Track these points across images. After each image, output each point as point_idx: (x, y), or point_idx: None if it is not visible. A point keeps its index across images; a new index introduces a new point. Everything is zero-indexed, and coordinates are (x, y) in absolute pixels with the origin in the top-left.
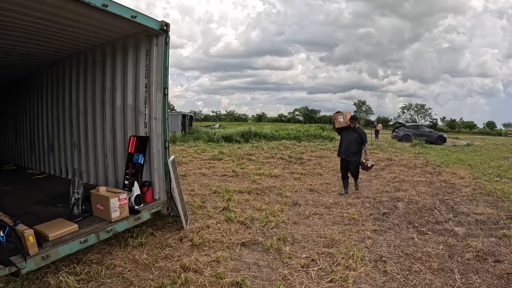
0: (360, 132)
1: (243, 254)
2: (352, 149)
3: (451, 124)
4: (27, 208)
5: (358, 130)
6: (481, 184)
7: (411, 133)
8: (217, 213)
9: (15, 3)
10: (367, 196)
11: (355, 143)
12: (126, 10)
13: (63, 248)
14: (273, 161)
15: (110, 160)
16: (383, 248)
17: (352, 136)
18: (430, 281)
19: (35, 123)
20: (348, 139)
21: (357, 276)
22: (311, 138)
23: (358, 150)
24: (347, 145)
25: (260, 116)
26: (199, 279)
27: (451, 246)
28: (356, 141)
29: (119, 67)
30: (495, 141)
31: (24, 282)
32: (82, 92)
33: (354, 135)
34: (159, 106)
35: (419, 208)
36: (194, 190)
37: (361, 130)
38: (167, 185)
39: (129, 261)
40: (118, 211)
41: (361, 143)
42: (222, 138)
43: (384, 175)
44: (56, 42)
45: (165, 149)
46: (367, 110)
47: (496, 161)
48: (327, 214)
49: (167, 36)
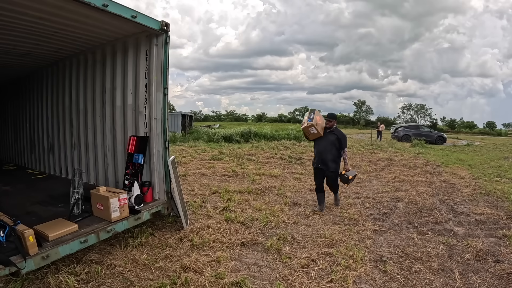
0: (339, 134)
1: (243, 254)
2: (328, 157)
3: (451, 124)
4: (27, 208)
5: (336, 132)
6: (481, 184)
7: (411, 133)
8: (217, 213)
9: (15, 3)
10: (367, 196)
11: (332, 148)
12: (126, 10)
13: (63, 248)
14: (273, 161)
15: (110, 160)
16: (383, 248)
17: (329, 139)
18: (430, 281)
19: (35, 123)
20: (324, 143)
21: (357, 276)
22: None
23: (337, 157)
24: (323, 152)
25: (260, 116)
26: (199, 279)
27: (451, 246)
28: (333, 145)
29: (119, 67)
30: (495, 141)
31: (24, 282)
32: (82, 92)
33: (331, 138)
34: (159, 106)
35: (419, 208)
36: (194, 190)
37: (340, 132)
38: (167, 185)
39: (129, 261)
40: (118, 211)
41: (340, 148)
42: (222, 138)
43: (384, 175)
44: (56, 42)
45: (165, 149)
46: (367, 110)
47: (496, 161)
48: (327, 214)
49: (167, 36)
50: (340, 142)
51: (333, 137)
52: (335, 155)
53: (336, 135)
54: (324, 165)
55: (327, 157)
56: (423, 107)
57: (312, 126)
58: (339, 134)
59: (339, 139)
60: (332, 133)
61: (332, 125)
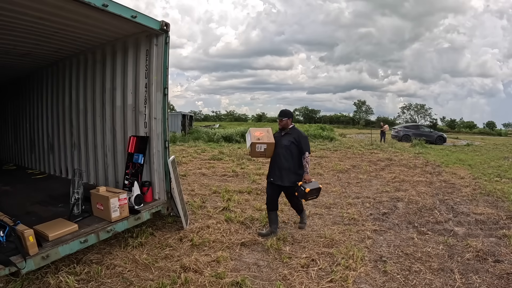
0: (296, 135)
1: (243, 254)
2: (284, 165)
3: (451, 124)
4: (27, 208)
5: (292, 133)
6: (481, 184)
7: (411, 133)
8: (217, 213)
9: (15, 3)
10: (367, 196)
11: (288, 155)
12: (126, 10)
13: (63, 248)
14: None
15: (110, 160)
16: (383, 248)
17: (282, 144)
18: (430, 281)
19: (35, 123)
20: (277, 150)
21: (357, 276)
22: (311, 138)
23: (297, 166)
24: (277, 161)
25: (260, 116)
26: (199, 279)
27: (451, 246)
28: (288, 151)
29: (119, 67)
30: (495, 141)
31: (24, 282)
32: (82, 92)
33: (285, 143)
34: (159, 106)
35: (419, 208)
36: (194, 190)
37: (298, 132)
38: (167, 185)
39: (129, 261)
40: (118, 211)
41: (300, 152)
42: (222, 138)
43: (384, 175)
44: (56, 42)
45: (165, 149)
46: (367, 110)
47: (496, 161)
48: (327, 214)
49: (167, 36)
50: (299, 144)
51: (288, 140)
52: (293, 163)
53: (292, 137)
54: (279, 178)
55: (282, 166)
56: (423, 107)
57: (256, 145)
58: (297, 135)
59: (296, 142)
60: (287, 135)
61: (285, 125)
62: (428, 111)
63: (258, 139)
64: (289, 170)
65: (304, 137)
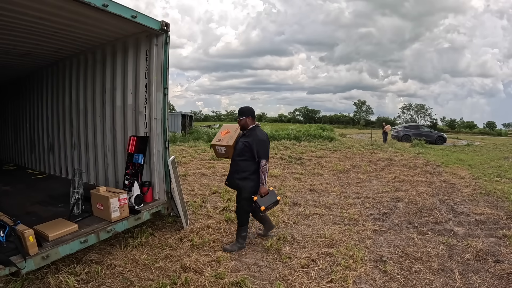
0: (252, 137)
1: (243, 254)
2: (238, 169)
3: (451, 124)
4: (27, 208)
5: (250, 134)
6: (481, 184)
7: (411, 133)
8: (217, 213)
9: (15, 3)
10: (367, 196)
11: (240, 159)
12: (126, 10)
13: (63, 248)
14: (273, 161)
15: (110, 160)
16: (383, 248)
17: (238, 146)
18: (430, 281)
19: (35, 123)
20: (234, 152)
21: (357, 276)
22: (311, 138)
23: (251, 171)
24: (231, 164)
25: (260, 116)
26: (199, 279)
27: (451, 246)
28: (242, 155)
29: (119, 67)
30: (495, 141)
31: (24, 282)
32: (82, 92)
33: (240, 144)
34: (159, 106)
35: (419, 208)
36: (194, 190)
37: (256, 134)
38: (167, 185)
39: (129, 261)
40: (118, 211)
41: (253, 157)
42: None
43: (384, 175)
44: (56, 42)
45: (165, 149)
46: (367, 110)
47: (496, 161)
48: (327, 214)
49: (167, 36)
50: (251, 147)
51: (243, 143)
52: (246, 168)
53: (247, 140)
54: (231, 184)
55: (233, 170)
56: (423, 107)
57: (215, 147)
58: (252, 138)
59: (250, 144)
60: (244, 137)
61: (244, 125)
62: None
63: (219, 140)
64: (238, 174)
65: (260, 141)
